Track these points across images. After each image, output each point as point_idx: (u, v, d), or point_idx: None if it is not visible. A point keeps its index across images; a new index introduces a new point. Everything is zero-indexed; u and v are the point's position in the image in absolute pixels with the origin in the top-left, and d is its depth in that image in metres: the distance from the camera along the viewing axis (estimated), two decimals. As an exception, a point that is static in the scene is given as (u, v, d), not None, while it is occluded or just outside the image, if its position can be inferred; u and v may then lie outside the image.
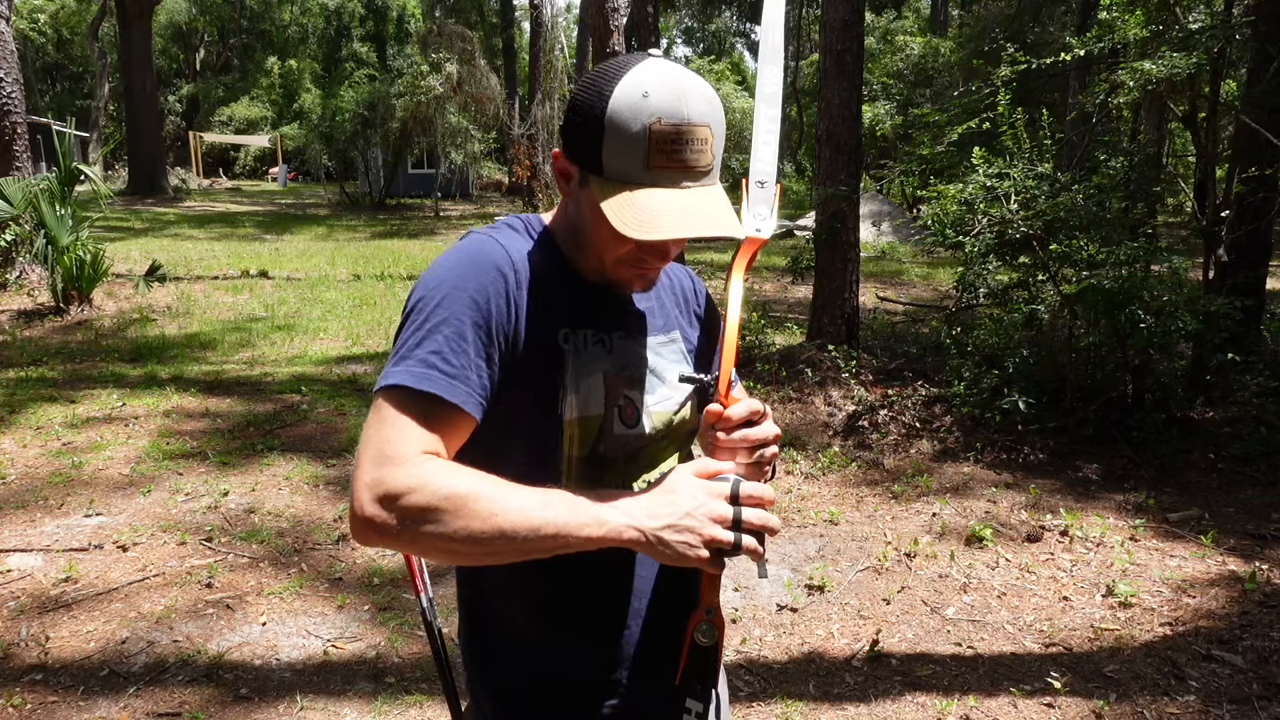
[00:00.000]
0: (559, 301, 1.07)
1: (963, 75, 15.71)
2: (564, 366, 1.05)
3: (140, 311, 8.69)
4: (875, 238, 16.05)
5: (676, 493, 0.97)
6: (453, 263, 1.03)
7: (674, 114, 0.96)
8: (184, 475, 4.56)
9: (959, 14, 27.94)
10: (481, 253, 1.04)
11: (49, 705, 2.68)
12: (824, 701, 2.78)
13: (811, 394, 5.83)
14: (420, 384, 0.95)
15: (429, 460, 0.93)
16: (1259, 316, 5.85)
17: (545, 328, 1.05)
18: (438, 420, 0.95)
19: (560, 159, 1.04)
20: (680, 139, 0.96)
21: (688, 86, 0.97)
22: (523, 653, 1.13)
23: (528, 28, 28.71)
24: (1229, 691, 2.79)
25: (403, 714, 2.69)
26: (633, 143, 0.96)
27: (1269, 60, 5.40)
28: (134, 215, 19.54)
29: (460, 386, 0.96)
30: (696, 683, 1.07)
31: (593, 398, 1.07)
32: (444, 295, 0.99)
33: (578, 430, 1.06)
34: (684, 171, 0.98)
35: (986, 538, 3.90)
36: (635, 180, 0.97)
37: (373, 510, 0.90)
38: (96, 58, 35.28)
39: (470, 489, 0.92)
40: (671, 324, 1.21)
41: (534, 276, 1.06)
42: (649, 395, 1.13)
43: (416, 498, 0.90)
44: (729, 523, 0.96)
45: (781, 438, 1.09)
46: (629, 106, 0.96)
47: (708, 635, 1.05)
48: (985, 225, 5.40)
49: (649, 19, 9.70)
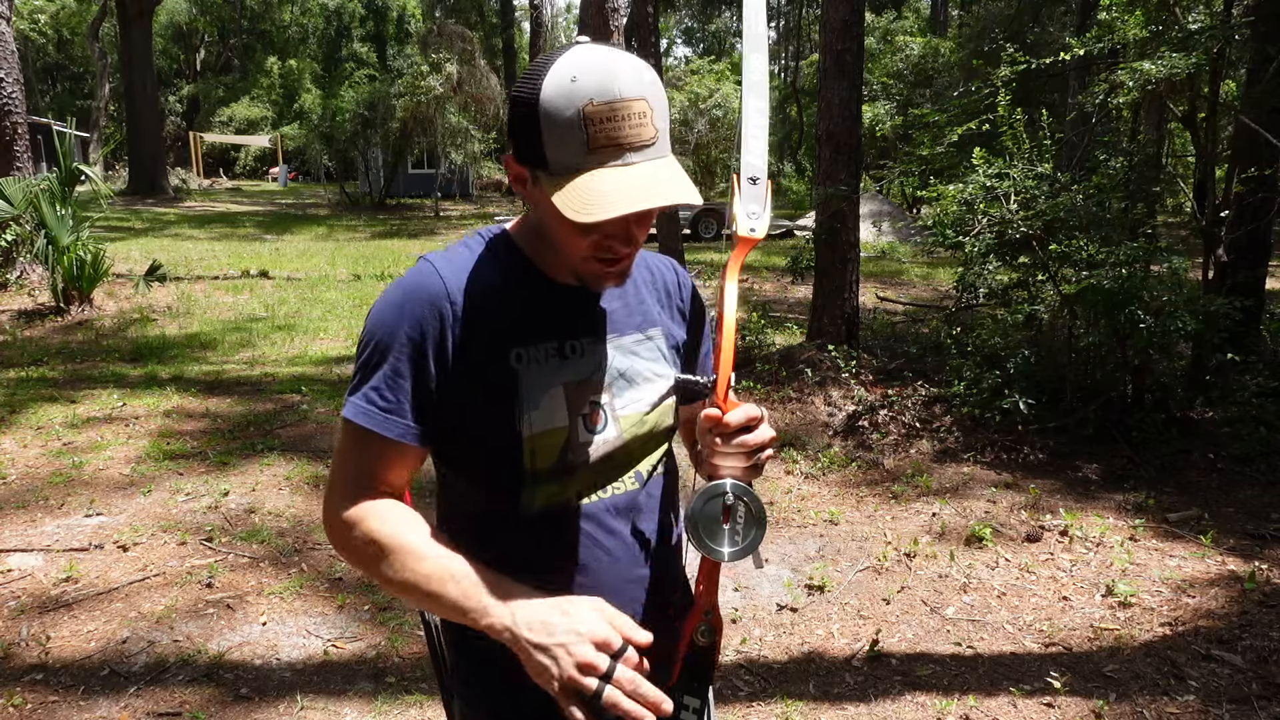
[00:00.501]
0: (513, 318, 1.07)
1: (963, 75, 15.72)
2: (517, 386, 1.05)
3: (140, 311, 8.69)
4: (875, 238, 16.06)
5: (569, 616, 0.96)
6: (393, 299, 1.06)
7: (605, 93, 0.94)
8: (184, 475, 4.56)
9: (959, 14, 27.95)
10: (419, 287, 1.05)
11: (49, 705, 2.68)
12: (824, 701, 2.78)
13: (811, 394, 5.83)
14: (358, 418, 1.04)
15: (366, 503, 1.06)
16: (1259, 316, 5.85)
17: (494, 349, 1.06)
18: (376, 452, 1.06)
19: (512, 164, 1.04)
20: (615, 116, 0.95)
21: (615, 63, 0.96)
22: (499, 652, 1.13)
23: (528, 28, 28.71)
24: (1229, 691, 2.80)
25: (403, 714, 2.69)
26: (569, 129, 0.95)
27: (1268, 60, 5.40)
28: (134, 215, 19.55)
29: (395, 421, 1.04)
30: (694, 681, 1.07)
31: (554, 411, 1.07)
32: (382, 334, 1.05)
33: (539, 444, 1.06)
34: (626, 148, 0.96)
35: (986, 538, 3.90)
36: (579, 166, 0.96)
37: (330, 527, 1.08)
38: (97, 58, 35.27)
39: (389, 544, 1.03)
40: (651, 320, 1.18)
41: (485, 297, 1.06)
42: (617, 399, 1.12)
43: (354, 533, 1.05)
44: (598, 671, 0.93)
45: (778, 439, 1.08)
46: (560, 94, 0.94)
47: (706, 635, 1.06)
48: (985, 225, 5.40)
49: (649, 19, 9.70)
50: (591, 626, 0.95)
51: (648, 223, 1.04)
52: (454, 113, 22.26)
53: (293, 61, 43.65)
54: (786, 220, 19.28)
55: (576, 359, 1.09)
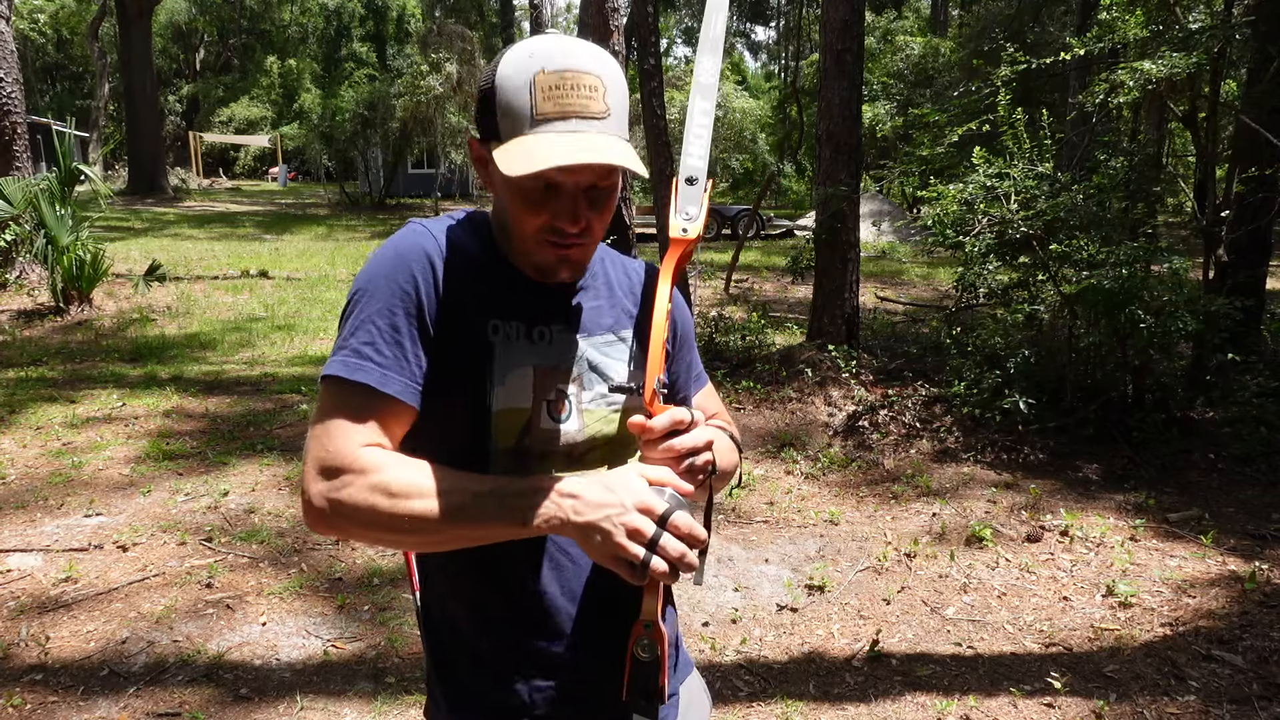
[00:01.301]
0: (492, 292, 1.06)
1: (963, 75, 15.72)
2: (491, 357, 1.04)
3: (140, 311, 8.69)
4: (875, 238, 16.06)
5: (612, 491, 0.95)
6: (385, 253, 1.03)
7: (557, 63, 0.95)
8: (184, 475, 4.56)
9: (959, 14, 27.95)
10: (411, 242, 1.04)
11: (49, 705, 2.68)
12: (824, 701, 2.78)
13: (811, 394, 5.82)
14: (354, 374, 0.98)
15: (368, 451, 0.96)
16: (1259, 316, 5.85)
17: (475, 317, 1.04)
18: (372, 410, 0.98)
19: (474, 146, 1.04)
20: (564, 84, 0.95)
21: (574, 43, 0.97)
22: (465, 651, 1.13)
23: (528, 28, 28.73)
24: (1229, 691, 2.79)
25: (403, 714, 2.69)
26: (518, 96, 0.96)
27: (1269, 60, 5.40)
28: (134, 215, 19.55)
29: (394, 376, 0.99)
30: (642, 699, 1.02)
31: (519, 390, 1.05)
32: (376, 286, 1.01)
33: (503, 422, 1.05)
34: (572, 116, 0.96)
35: (986, 538, 3.90)
36: (525, 130, 0.96)
37: (319, 499, 0.95)
38: (96, 58, 35.25)
39: (405, 480, 0.95)
40: (623, 323, 1.17)
41: (466, 265, 1.05)
42: (585, 391, 1.11)
43: (356, 488, 0.94)
44: (645, 539, 0.93)
45: (712, 444, 1.03)
46: (515, 68, 0.96)
47: (648, 650, 1.01)
48: (985, 225, 5.40)
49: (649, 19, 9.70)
50: (637, 495, 0.95)
51: (602, 207, 1.02)
52: (454, 113, 22.26)
53: (292, 61, 43.63)
54: (786, 220, 19.28)
55: (544, 345, 1.08)
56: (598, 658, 1.12)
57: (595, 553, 0.95)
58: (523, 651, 1.11)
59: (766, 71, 52.15)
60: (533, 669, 1.11)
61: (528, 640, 1.11)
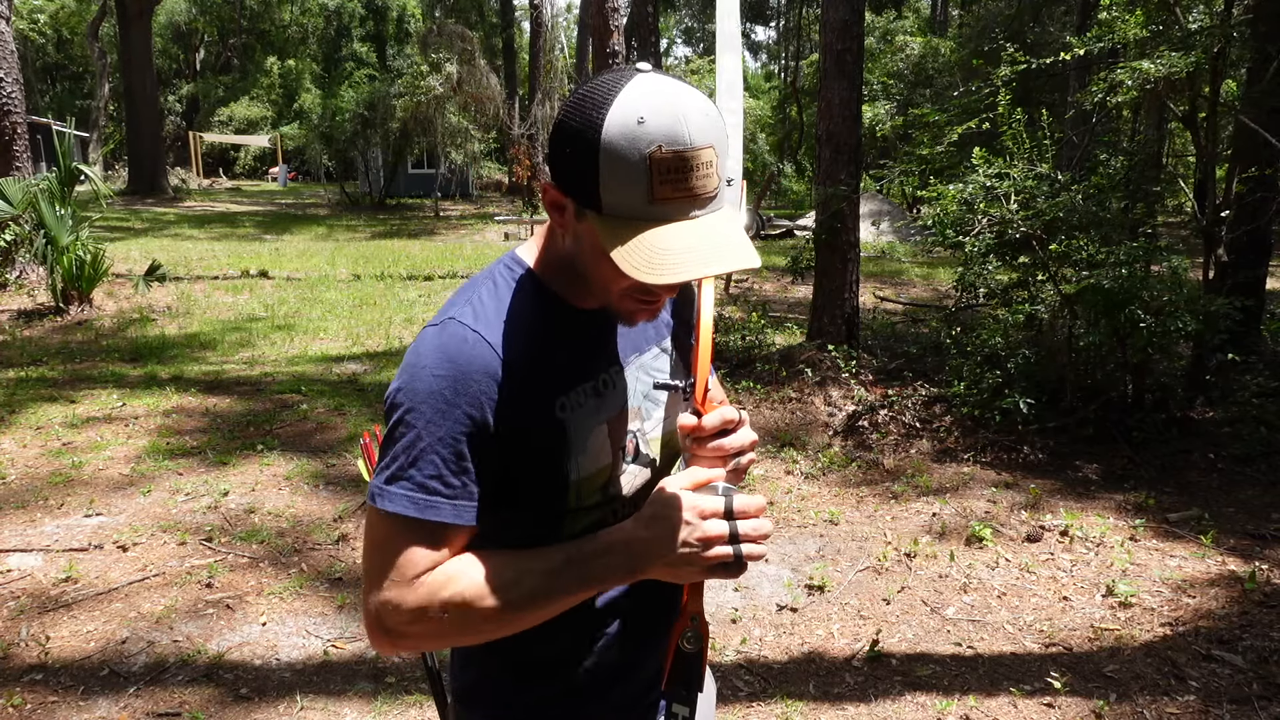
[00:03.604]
0: (551, 366, 1.02)
1: (963, 75, 15.72)
2: (566, 435, 1.02)
3: (140, 311, 8.69)
4: (875, 237, 16.05)
5: (669, 520, 0.94)
6: (441, 371, 0.96)
7: (675, 139, 0.86)
8: (184, 475, 4.56)
9: (959, 14, 27.96)
10: (469, 360, 0.97)
11: (49, 705, 2.68)
12: (824, 701, 2.78)
13: (811, 394, 5.82)
14: (425, 514, 0.95)
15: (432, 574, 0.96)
16: (1259, 316, 5.85)
17: (541, 404, 1.01)
18: (443, 541, 0.97)
19: (552, 190, 0.95)
20: (685, 166, 0.87)
21: (686, 105, 0.88)
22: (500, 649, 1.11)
23: (528, 28, 28.73)
24: (1229, 691, 2.79)
25: (403, 714, 2.69)
26: (633, 175, 0.87)
27: (1269, 60, 5.40)
28: (134, 215, 19.55)
29: (463, 506, 0.97)
30: (682, 688, 1.06)
31: (600, 451, 1.05)
32: (435, 410, 0.95)
33: (586, 486, 1.04)
34: (691, 201, 0.89)
35: (986, 538, 3.90)
36: (640, 216, 0.88)
37: (393, 629, 0.96)
38: (96, 58, 35.25)
39: (477, 591, 0.95)
40: (663, 331, 1.17)
41: (525, 355, 1.00)
42: (647, 423, 1.11)
43: (431, 616, 0.95)
44: (725, 539, 0.93)
45: (758, 444, 1.05)
46: (624, 135, 0.86)
47: (693, 642, 1.05)
48: (985, 225, 5.40)
49: (649, 19, 9.71)
50: (694, 507, 0.94)
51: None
52: (454, 113, 22.27)
53: (292, 61, 43.61)
54: (786, 220, 19.28)
55: (609, 392, 1.07)
56: (639, 645, 1.14)
57: (691, 577, 0.97)
58: (554, 640, 1.11)
59: (766, 71, 52.17)
60: (565, 658, 1.12)
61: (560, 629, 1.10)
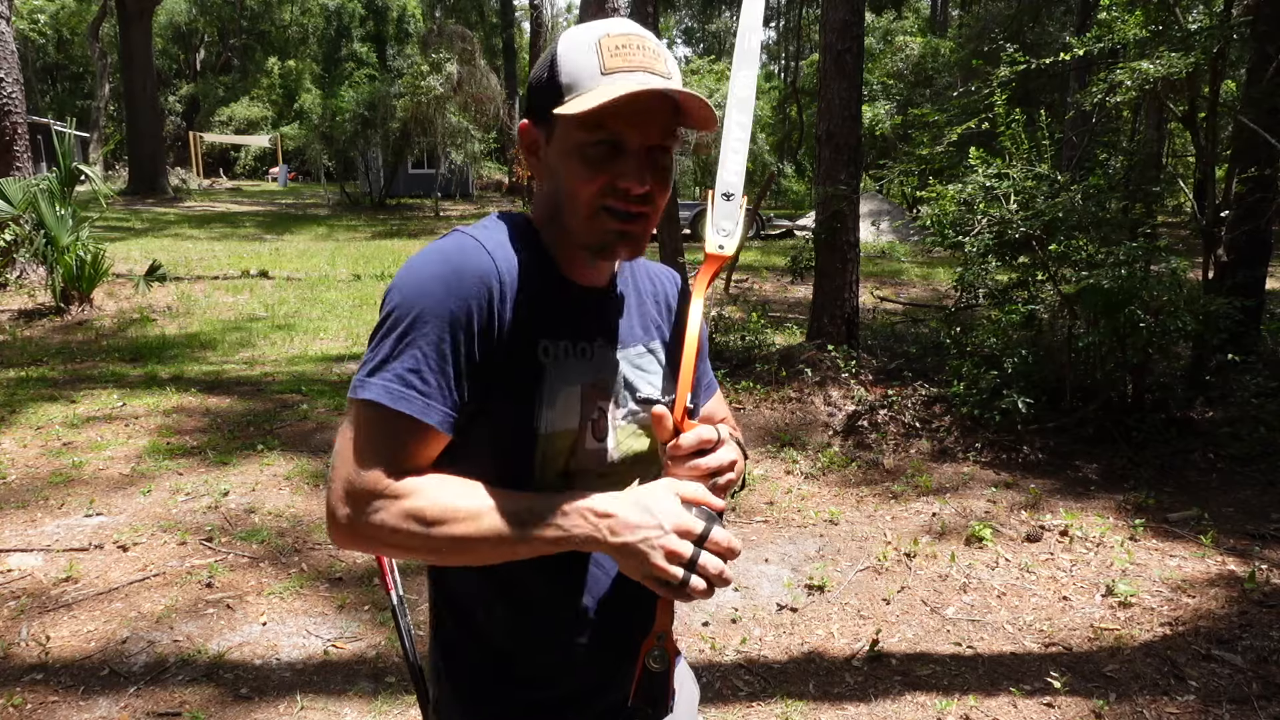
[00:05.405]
0: (542, 309, 1.04)
1: (962, 75, 15.72)
2: (542, 380, 1.02)
3: (140, 311, 8.69)
4: (875, 237, 16.05)
5: (649, 513, 0.95)
6: (437, 270, 0.98)
7: (620, 29, 0.99)
8: (184, 475, 4.56)
9: (959, 14, 27.96)
10: (467, 262, 0.99)
11: (49, 705, 2.68)
12: (824, 701, 2.78)
13: (811, 394, 5.83)
14: (396, 403, 0.95)
15: (400, 476, 0.96)
16: (1259, 316, 5.86)
17: (525, 340, 1.02)
18: (411, 439, 0.97)
19: (525, 131, 1.04)
20: (630, 44, 0.98)
21: (636, 25, 1.01)
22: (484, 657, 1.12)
23: (528, 28, 28.71)
24: (1228, 691, 2.80)
25: (403, 714, 2.69)
26: (584, 58, 0.98)
27: (1268, 60, 5.40)
28: (134, 215, 19.54)
29: (435, 407, 0.97)
30: (648, 706, 1.06)
31: (569, 412, 1.04)
32: (425, 307, 0.96)
33: (551, 445, 1.04)
34: (640, 70, 0.98)
35: (986, 538, 3.90)
36: (593, 84, 0.97)
37: (348, 523, 0.95)
38: (96, 58, 35.26)
39: (439, 503, 0.95)
40: (652, 333, 1.17)
41: (519, 284, 1.01)
42: (619, 409, 1.11)
43: (388, 514, 0.94)
44: (684, 560, 0.93)
45: (738, 464, 1.04)
46: (576, 39, 1.00)
47: (659, 661, 1.04)
48: (984, 225, 5.41)
49: (649, 19, 9.70)
50: (674, 516, 0.95)
51: (664, 174, 1.02)
52: (454, 113, 22.26)
53: (292, 62, 43.61)
54: (786, 220, 19.28)
55: (588, 361, 1.07)
56: (607, 658, 1.13)
57: (631, 571, 0.96)
58: (538, 650, 1.11)
59: (766, 71, 52.16)
60: (548, 667, 1.12)
61: (545, 639, 1.11)
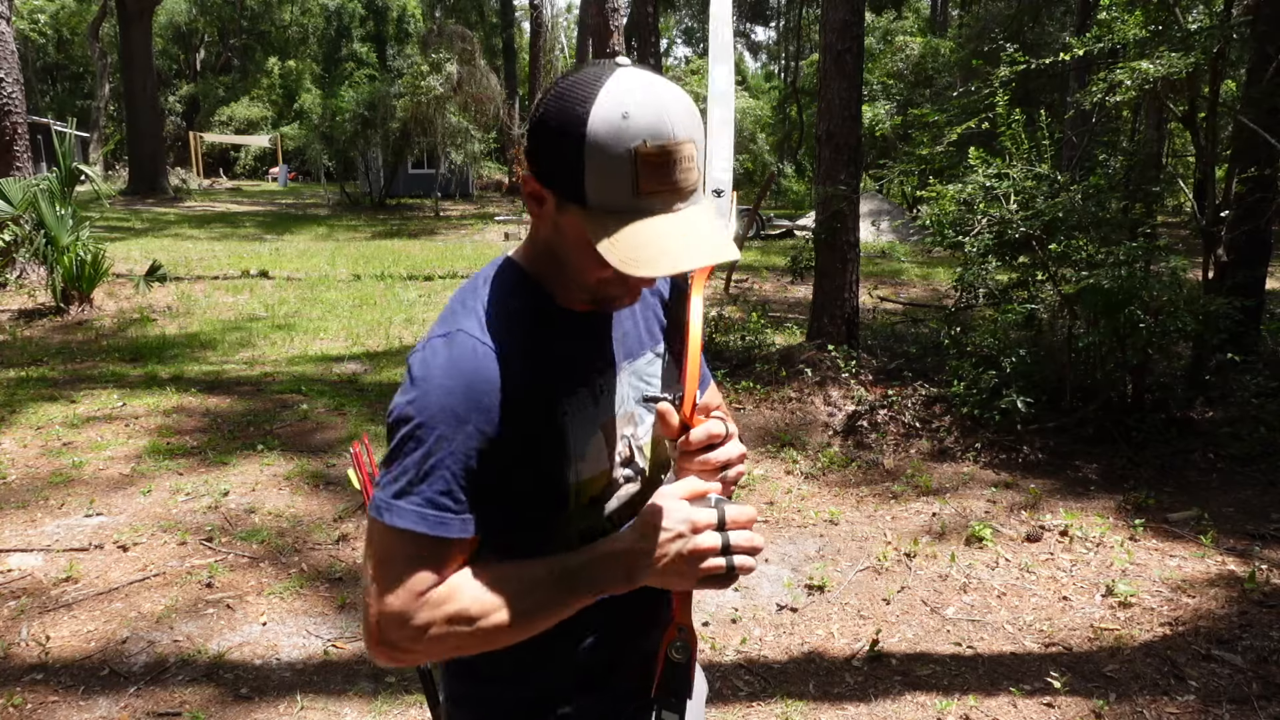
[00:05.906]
0: (554, 372, 1.02)
1: (962, 75, 15.73)
2: (565, 439, 1.03)
3: (140, 311, 8.69)
4: (875, 237, 16.05)
5: (662, 530, 0.95)
6: (451, 385, 0.96)
7: (659, 134, 0.89)
8: (184, 475, 4.56)
9: (959, 14, 27.97)
10: (477, 372, 0.96)
11: (49, 705, 2.68)
12: (824, 701, 2.78)
13: (811, 394, 5.83)
14: (435, 531, 0.95)
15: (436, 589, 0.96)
16: (1259, 316, 5.86)
17: (547, 410, 1.01)
18: (449, 556, 0.97)
19: (532, 183, 0.96)
20: (668, 161, 0.90)
21: (668, 100, 0.90)
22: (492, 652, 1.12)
23: (528, 28, 28.74)
24: (1228, 691, 2.80)
25: (403, 714, 2.69)
26: (619, 170, 0.89)
27: (1268, 60, 5.40)
28: (134, 215, 19.55)
29: (470, 519, 0.97)
30: (671, 697, 1.08)
31: (598, 456, 1.05)
32: (448, 426, 0.94)
33: (584, 490, 1.05)
34: (674, 194, 0.92)
35: (986, 538, 3.90)
36: (625, 209, 0.91)
37: (395, 642, 0.96)
38: (96, 58, 35.27)
39: (478, 601, 0.95)
40: (656, 335, 1.17)
41: (529, 361, 0.99)
42: (639, 428, 1.11)
43: (434, 630, 0.95)
44: (718, 551, 0.94)
45: (746, 457, 1.05)
46: (610, 130, 0.88)
47: (681, 652, 1.07)
48: (984, 225, 5.41)
49: (649, 19, 9.72)
50: (687, 519, 0.95)
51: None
52: (454, 113, 22.27)
53: (292, 62, 43.63)
54: (786, 220, 19.28)
55: (604, 397, 1.07)
56: (628, 653, 1.14)
57: (683, 585, 0.97)
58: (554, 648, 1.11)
59: (766, 71, 52.17)
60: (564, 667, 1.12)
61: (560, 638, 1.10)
